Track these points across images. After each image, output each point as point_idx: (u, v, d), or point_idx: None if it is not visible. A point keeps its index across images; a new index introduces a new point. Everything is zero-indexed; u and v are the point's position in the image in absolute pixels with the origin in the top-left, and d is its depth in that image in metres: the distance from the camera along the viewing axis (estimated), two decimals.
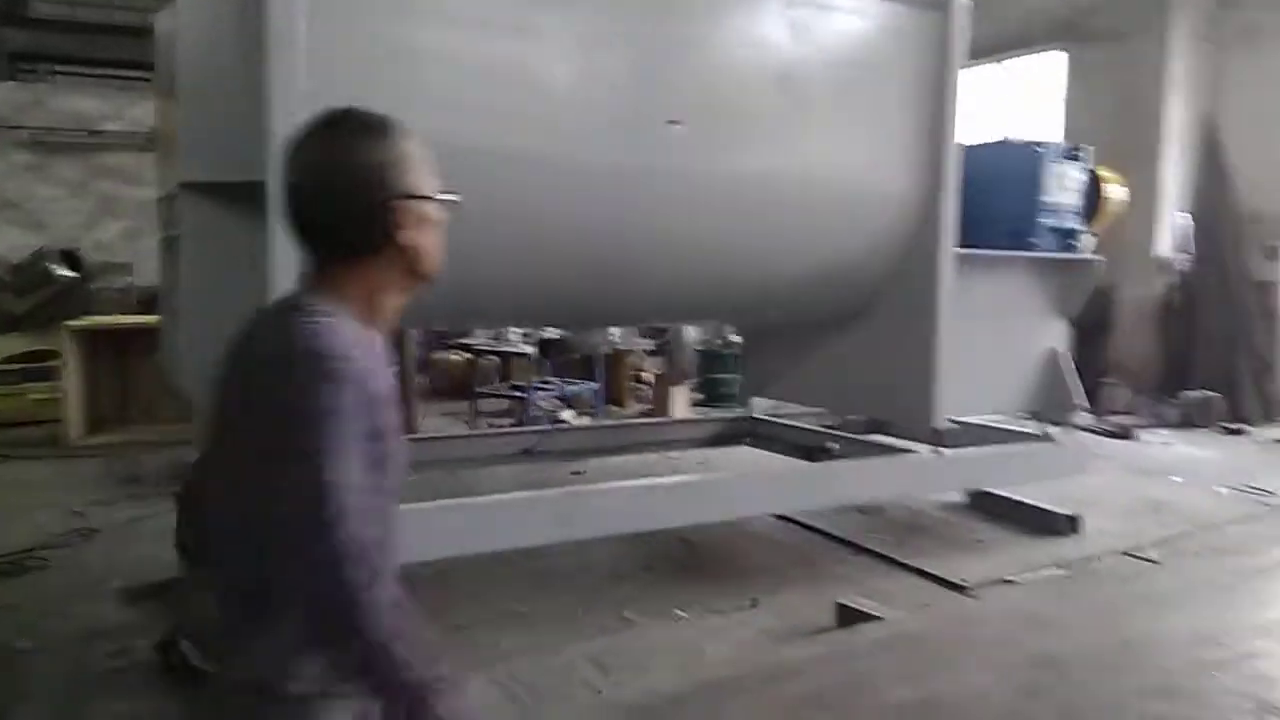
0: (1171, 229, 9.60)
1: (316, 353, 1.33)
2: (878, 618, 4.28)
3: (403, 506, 3.55)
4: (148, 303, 10.63)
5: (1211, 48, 9.59)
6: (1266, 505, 6.17)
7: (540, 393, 7.78)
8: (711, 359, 9.42)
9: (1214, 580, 4.92)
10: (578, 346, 8.08)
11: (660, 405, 8.74)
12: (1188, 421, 8.75)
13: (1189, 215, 9.60)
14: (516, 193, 3.68)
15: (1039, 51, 10.96)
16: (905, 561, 5.14)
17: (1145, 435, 8.37)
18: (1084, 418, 5.62)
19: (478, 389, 8.44)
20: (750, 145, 4.29)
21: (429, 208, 1.49)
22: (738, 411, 6.87)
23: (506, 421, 8.05)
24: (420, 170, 1.49)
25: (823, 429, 6.22)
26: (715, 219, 4.26)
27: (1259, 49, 9.27)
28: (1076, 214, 5.43)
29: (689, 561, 5.24)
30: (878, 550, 5.33)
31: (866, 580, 4.92)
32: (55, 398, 8.04)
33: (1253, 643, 4.13)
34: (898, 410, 5.26)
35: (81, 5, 18.93)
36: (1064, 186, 5.34)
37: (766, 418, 6.64)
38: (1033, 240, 5.28)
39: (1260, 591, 4.81)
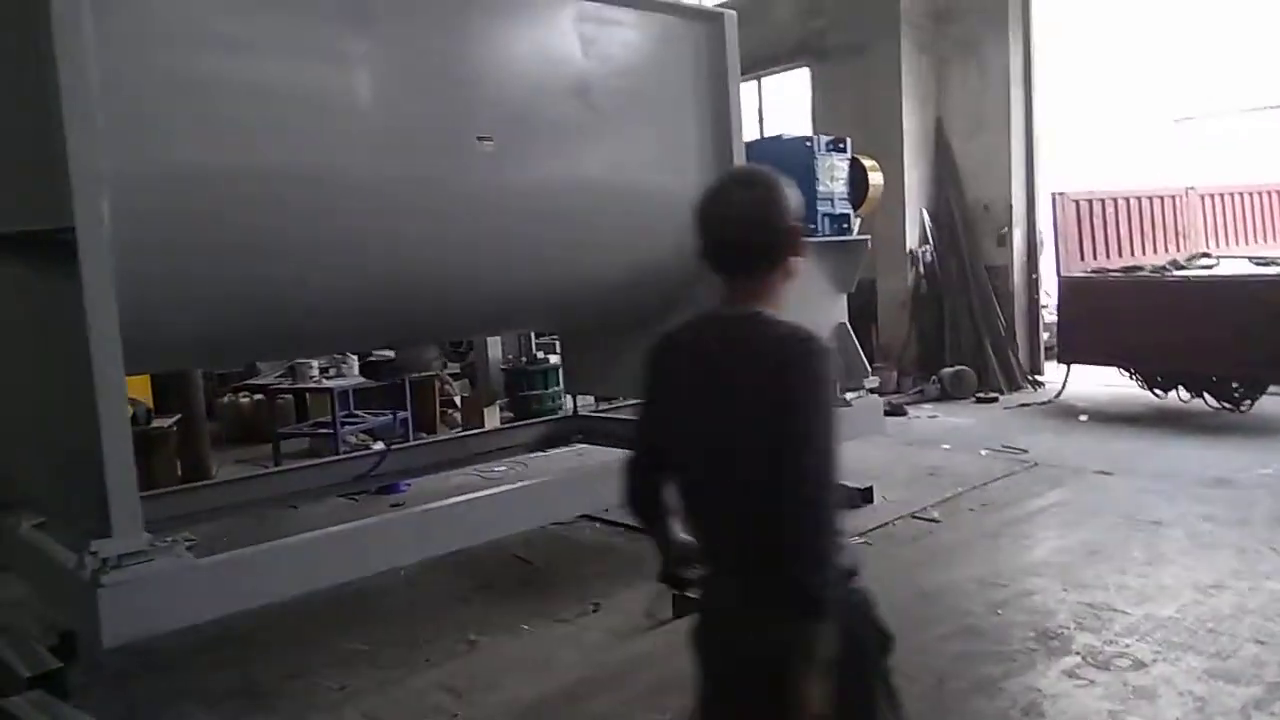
0: (916, 224, 10.67)
1: (810, 337, 1.85)
2: None
3: (263, 547, 3.48)
4: None
5: (933, 59, 10.75)
6: (1022, 462, 7.04)
7: (347, 427, 7.61)
8: (519, 376, 9.51)
9: (987, 531, 5.60)
10: (406, 365, 7.98)
11: (473, 427, 8.75)
12: (946, 395, 9.77)
13: (928, 211, 10.71)
14: (333, 216, 3.70)
15: (787, 69, 11.88)
16: None
17: (913, 410, 9.28)
18: (871, 382, 6.23)
19: (280, 429, 8.13)
20: (552, 156, 4.49)
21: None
22: (563, 412, 7.06)
23: (314, 461, 7.80)
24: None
25: None
26: (524, 229, 4.41)
27: (972, 58, 10.49)
28: (845, 199, 6.02)
29: (527, 577, 5.36)
30: None
31: None
32: None
33: (1026, 581, 4.77)
34: None
35: None
36: (833, 176, 5.92)
37: (592, 415, 6.85)
38: (812, 226, 5.79)
39: (1025, 537, 5.51)
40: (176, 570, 3.20)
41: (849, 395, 6.10)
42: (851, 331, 6.21)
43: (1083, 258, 9.40)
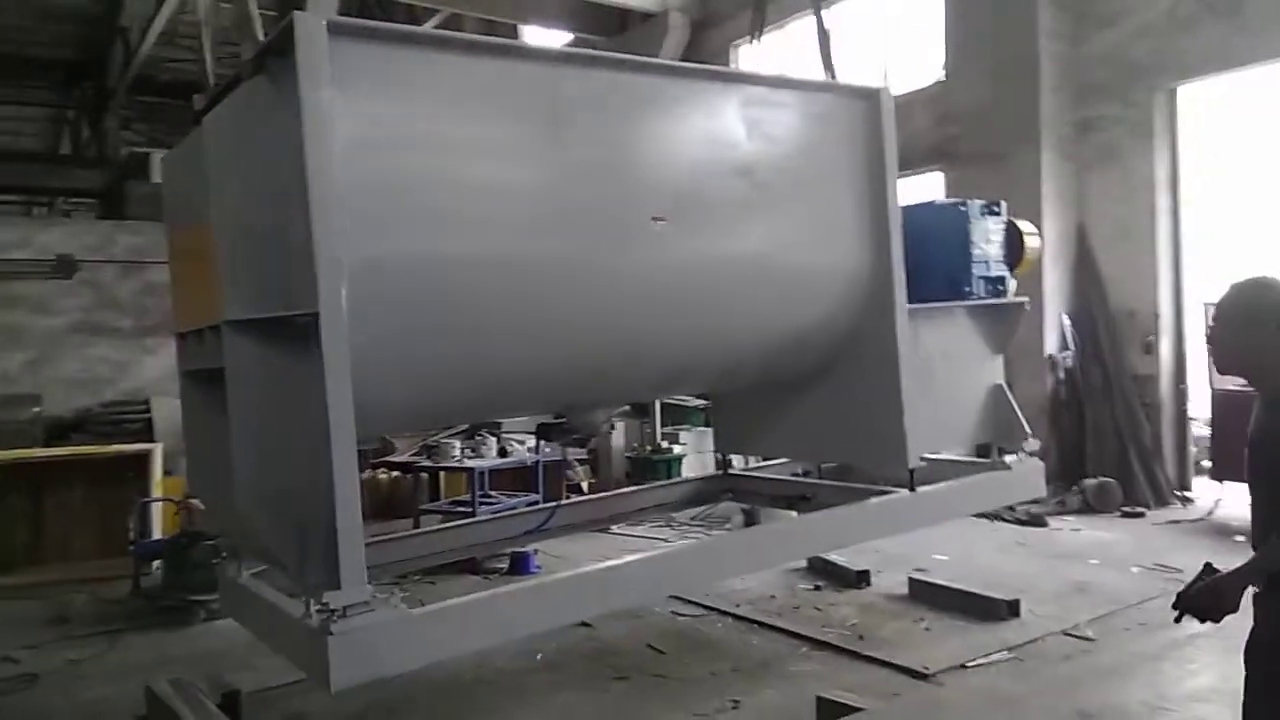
0: (1055, 329, 10.44)
1: None
2: (858, 709, 4.46)
3: (467, 599, 3.75)
4: (57, 433, 10.25)
5: (1075, 165, 10.67)
6: (1177, 581, 6.64)
7: (484, 506, 7.80)
8: (643, 465, 9.61)
9: (1147, 653, 5.30)
10: (577, 428, 8.24)
11: None
12: (1089, 508, 9.36)
13: (1069, 317, 10.47)
14: (525, 293, 3.97)
15: (920, 173, 11.93)
16: (867, 653, 5.37)
17: (1054, 522, 8.93)
18: (1031, 444, 6.09)
19: (422, 506, 8.42)
20: (719, 233, 4.67)
21: None
22: (716, 466, 7.14)
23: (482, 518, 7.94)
24: None
25: (794, 478, 6.52)
26: (692, 300, 4.61)
27: (1117, 165, 10.36)
28: (1001, 262, 5.97)
29: (662, 669, 5.34)
30: (838, 644, 5.55)
31: (835, 674, 5.12)
32: None
33: (1195, 708, 4.51)
34: (872, 455, 5.62)
35: None
36: (988, 239, 5.90)
37: (743, 473, 6.87)
38: (967, 289, 5.78)
39: (1189, 660, 5.20)
40: (395, 620, 3.48)
41: (1008, 458, 5.97)
42: (1009, 392, 6.12)
43: None
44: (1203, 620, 2.71)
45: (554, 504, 5.94)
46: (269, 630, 3.94)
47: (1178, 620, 2.76)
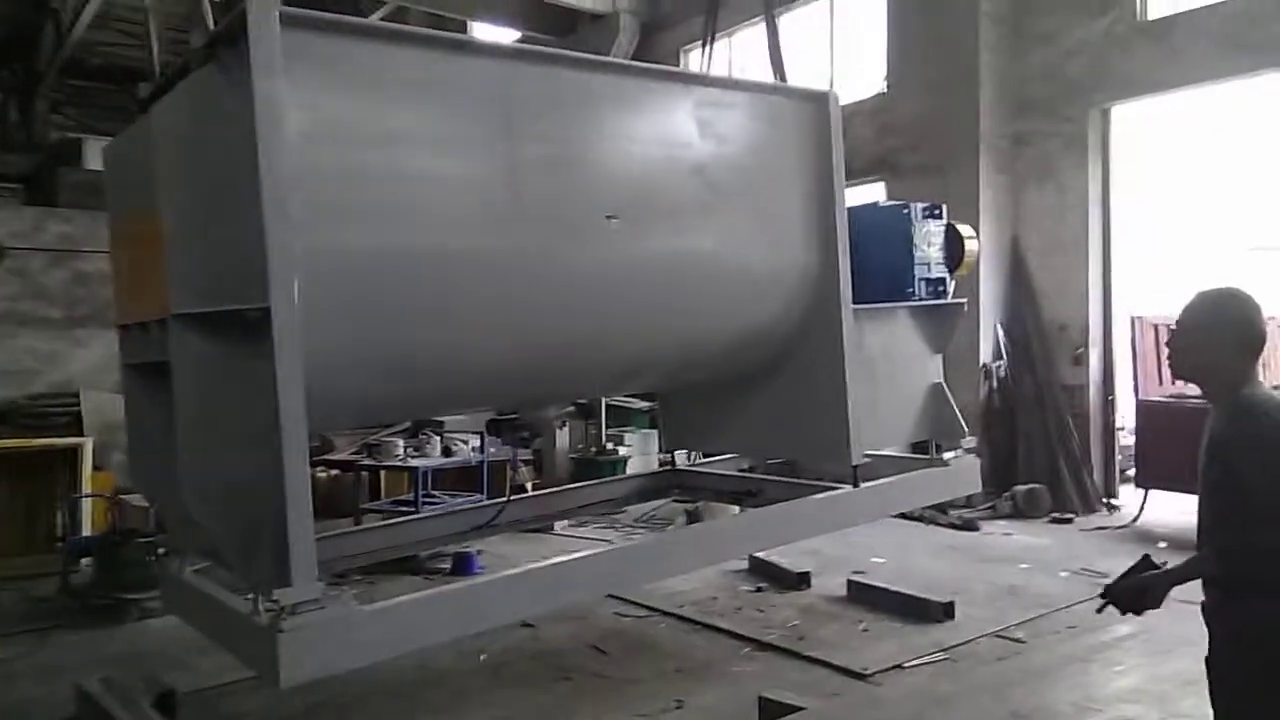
0: (990, 339, 10.71)
1: None
2: (800, 708, 4.54)
3: (420, 595, 3.73)
4: None
5: (1011, 179, 10.96)
6: (1104, 586, 6.88)
7: (427, 507, 7.73)
8: (588, 466, 9.62)
9: (1075, 655, 5.48)
10: (528, 423, 8.25)
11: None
12: (1019, 513, 9.62)
13: (1003, 328, 10.75)
14: (482, 289, 3.99)
15: (862, 184, 12.13)
16: (807, 654, 5.46)
17: (986, 526, 9.16)
18: (969, 442, 6.24)
19: (363, 505, 8.32)
20: (671, 232, 4.74)
21: None
22: (659, 465, 7.18)
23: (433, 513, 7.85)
24: None
25: (740, 474, 6.60)
26: (646, 297, 4.67)
27: (1051, 180, 10.67)
28: (941, 264, 6.13)
29: (605, 670, 5.36)
30: (779, 645, 5.64)
31: (777, 674, 5.20)
32: None
33: (1122, 708, 4.67)
34: (817, 451, 5.70)
35: None
36: (930, 242, 6.05)
37: (689, 468, 6.90)
38: (909, 290, 5.93)
39: (1117, 664, 5.38)
40: (346, 616, 3.44)
41: (946, 455, 6.09)
42: (948, 390, 6.27)
43: (1161, 382, 9.33)
44: (1124, 612, 2.79)
45: (503, 499, 5.91)
46: (215, 628, 3.87)
47: (1100, 610, 2.84)
